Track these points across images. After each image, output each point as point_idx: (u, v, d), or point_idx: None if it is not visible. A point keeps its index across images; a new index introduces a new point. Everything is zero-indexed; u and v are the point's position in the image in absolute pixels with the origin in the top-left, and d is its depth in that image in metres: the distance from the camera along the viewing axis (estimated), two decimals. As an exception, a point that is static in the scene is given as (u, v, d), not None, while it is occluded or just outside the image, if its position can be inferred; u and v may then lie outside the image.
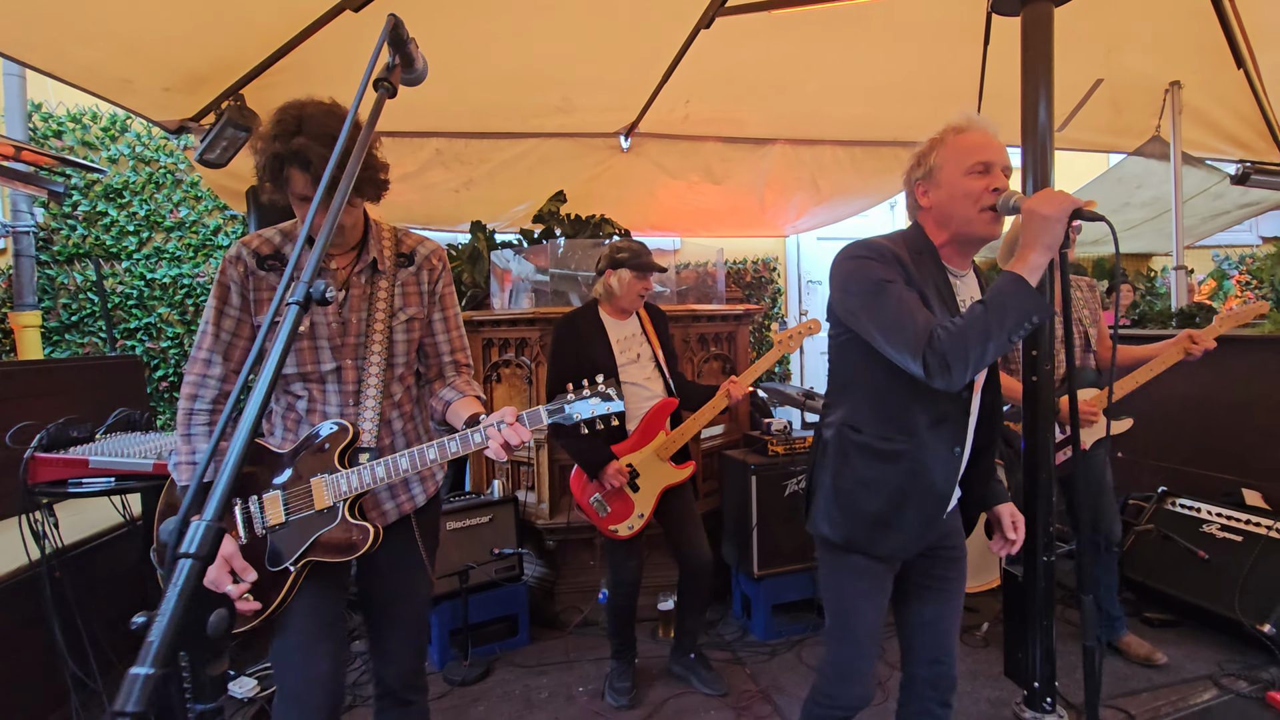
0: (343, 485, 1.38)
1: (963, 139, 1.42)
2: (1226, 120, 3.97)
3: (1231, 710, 2.35)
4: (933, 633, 1.59)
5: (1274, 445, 2.97)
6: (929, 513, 1.48)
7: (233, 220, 4.36)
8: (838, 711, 1.58)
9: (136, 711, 0.52)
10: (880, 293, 1.37)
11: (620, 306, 2.45)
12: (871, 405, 1.50)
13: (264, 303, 1.44)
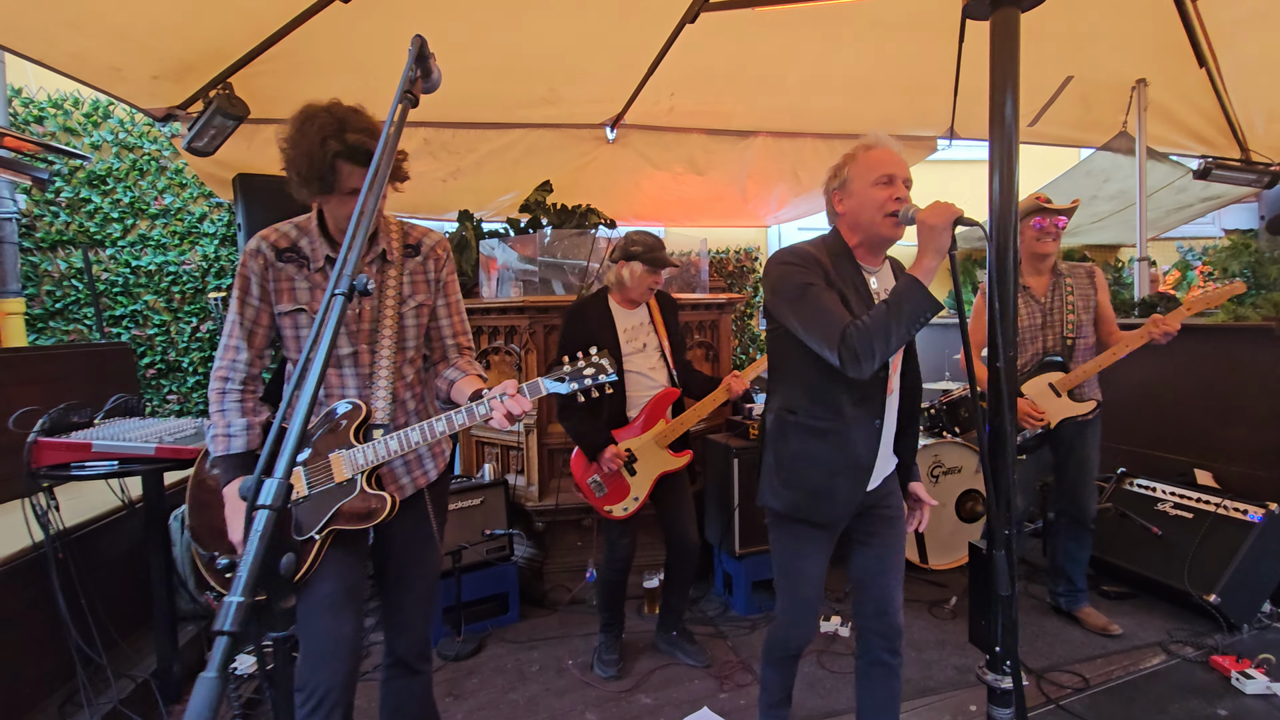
0: (359, 459, 1.48)
1: (871, 155, 1.65)
2: (1189, 117, 4.13)
3: (1177, 673, 2.53)
4: (876, 586, 1.77)
5: (1223, 428, 3.14)
6: (856, 480, 1.69)
7: (218, 208, 4.36)
8: (789, 651, 1.85)
9: (233, 630, 0.61)
10: (803, 295, 1.60)
11: (629, 297, 2.53)
12: (804, 390, 1.72)
13: (283, 292, 1.55)
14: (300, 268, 1.56)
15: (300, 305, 1.55)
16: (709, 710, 2.36)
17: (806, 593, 1.77)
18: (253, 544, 0.65)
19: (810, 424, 1.70)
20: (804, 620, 1.80)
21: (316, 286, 1.57)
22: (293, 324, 1.56)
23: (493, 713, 2.39)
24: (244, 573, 0.64)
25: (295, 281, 1.55)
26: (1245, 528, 2.80)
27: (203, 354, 4.35)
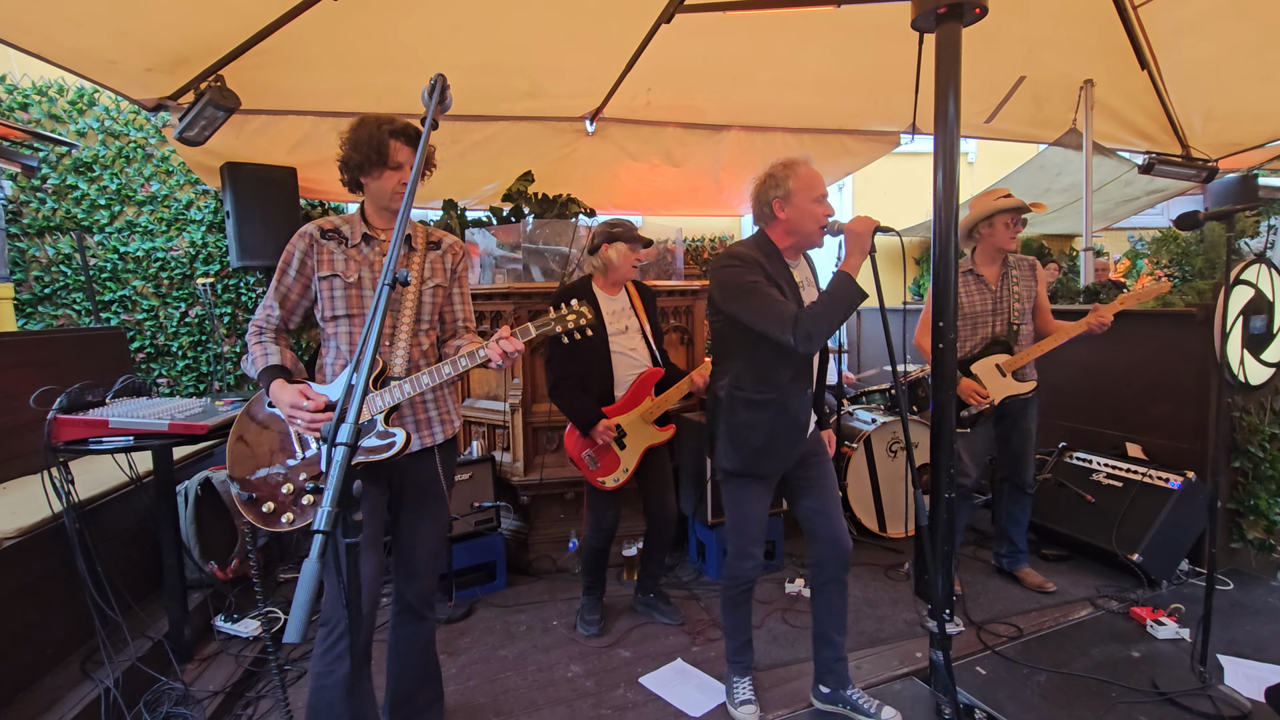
0: (379, 402, 1.72)
1: (810, 173, 2.04)
2: (1134, 115, 4.39)
3: (1101, 623, 2.82)
4: (823, 517, 2.13)
5: (1151, 405, 3.44)
6: (794, 438, 2.10)
7: (205, 195, 4.44)
8: (741, 582, 2.19)
9: (326, 530, 0.80)
10: (753, 291, 1.96)
11: (614, 279, 2.73)
12: (749, 370, 2.08)
13: (323, 262, 1.87)
14: (340, 244, 1.89)
15: (335, 272, 1.87)
16: (682, 661, 2.60)
17: (752, 531, 2.16)
18: (333, 473, 0.84)
19: (755, 397, 2.07)
20: (751, 553, 2.16)
21: (350, 259, 1.89)
22: (329, 286, 1.87)
23: (484, 667, 2.59)
24: (329, 492, 0.83)
25: (334, 254, 1.88)
26: (1166, 494, 3.10)
27: (191, 338, 4.45)
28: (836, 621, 2.20)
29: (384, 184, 1.85)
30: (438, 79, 1.35)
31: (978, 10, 2.22)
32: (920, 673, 2.46)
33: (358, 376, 0.95)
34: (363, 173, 1.85)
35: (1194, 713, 2.20)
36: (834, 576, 2.16)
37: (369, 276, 1.89)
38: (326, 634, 1.75)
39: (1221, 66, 3.82)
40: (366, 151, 1.80)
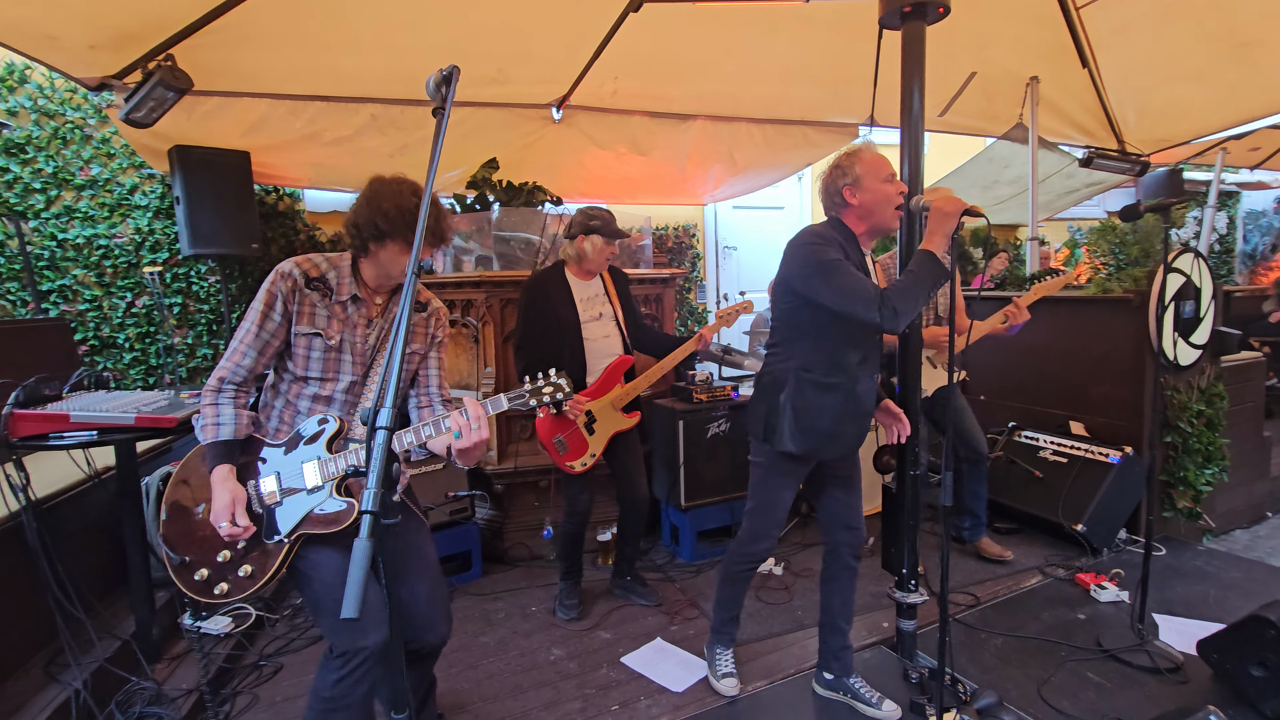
0: (330, 468, 1.63)
1: (874, 156, 2.01)
2: (1075, 111, 4.62)
3: (1050, 589, 3.01)
4: (847, 508, 2.19)
5: (1093, 385, 3.66)
6: (862, 424, 2.12)
7: (151, 179, 4.24)
8: (749, 562, 2.25)
9: (373, 510, 0.81)
10: (836, 269, 1.90)
11: (588, 269, 2.75)
12: (818, 352, 2.04)
13: (304, 315, 1.70)
14: (324, 297, 1.72)
15: (318, 330, 1.70)
16: (661, 640, 2.66)
17: (777, 516, 2.21)
18: (376, 455, 0.86)
19: (824, 381, 2.04)
20: (770, 535, 2.23)
21: (334, 317, 1.73)
22: (307, 345, 1.71)
23: (465, 654, 2.61)
24: (373, 474, 0.85)
25: (317, 308, 1.71)
26: (1106, 468, 3.32)
27: (139, 329, 4.26)
28: (846, 610, 2.25)
29: (401, 259, 1.70)
30: (452, 70, 1.31)
31: (941, 10, 2.32)
32: (887, 641, 2.59)
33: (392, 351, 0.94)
34: (379, 241, 1.68)
35: (1134, 666, 2.39)
36: (846, 564, 2.21)
37: (349, 340, 1.74)
38: (344, 663, 1.59)
39: (1153, 66, 4.05)
40: (397, 223, 1.65)
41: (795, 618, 2.81)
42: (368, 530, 0.78)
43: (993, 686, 2.26)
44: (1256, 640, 2.12)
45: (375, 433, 0.86)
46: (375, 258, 1.72)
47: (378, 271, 1.76)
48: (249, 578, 1.60)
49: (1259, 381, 3.99)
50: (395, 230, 1.66)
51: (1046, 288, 3.12)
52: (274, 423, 1.74)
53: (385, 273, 1.76)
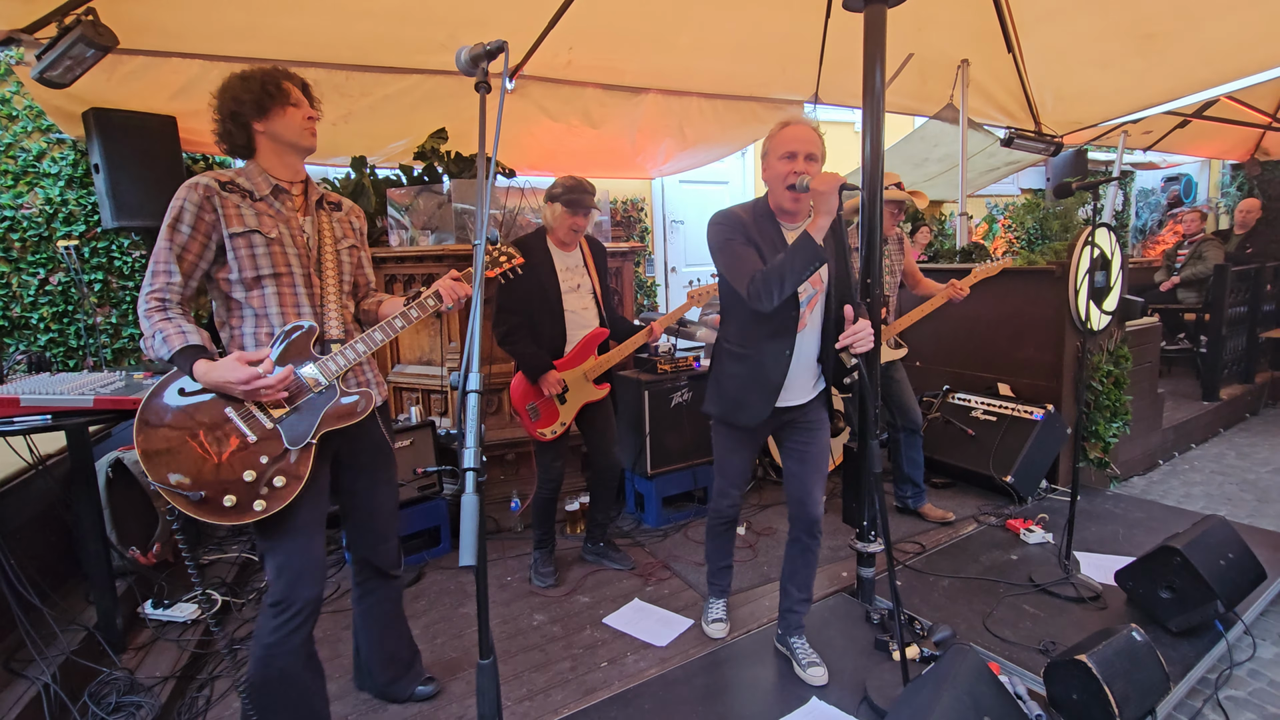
0: (332, 366, 1.69)
1: (783, 132, 2.01)
2: (999, 94, 4.93)
3: (985, 535, 3.31)
4: (797, 482, 2.24)
5: (1016, 350, 3.99)
6: (767, 395, 2.13)
7: (60, 144, 3.89)
8: (721, 518, 2.41)
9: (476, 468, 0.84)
10: (724, 249, 2.03)
11: (558, 238, 2.74)
12: (736, 325, 2.18)
13: (231, 218, 1.65)
14: (244, 197, 1.68)
15: (252, 227, 1.67)
16: (639, 600, 2.77)
17: (730, 474, 2.33)
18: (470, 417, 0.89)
19: (736, 351, 2.16)
20: (728, 493, 2.35)
21: (263, 214, 1.70)
22: (247, 244, 1.67)
23: (448, 625, 2.63)
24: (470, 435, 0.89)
25: (241, 208, 1.67)
26: (1031, 425, 3.64)
27: (54, 309, 3.94)
28: (795, 578, 2.30)
29: (289, 120, 1.69)
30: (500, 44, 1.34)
31: (902, -7, 2.44)
32: (848, 588, 2.80)
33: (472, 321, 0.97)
34: (259, 115, 1.67)
35: (1062, 597, 2.69)
36: (797, 537, 2.25)
37: (287, 233, 1.72)
38: (283, 610, 1.68)
39: (1069, 53, 4.37)
40: (259, 92, 1.65)
41: (762, 573, 2.97)
42: (471, 486, 0.82)
43: (945, 622, 2.49)
44: (1164, 568, 2.43)
45: (467, 396, 0.89)
46: (268, 139, 1.70)
47: (279, 156, 1.73)
48: (284, 488, 1.63)
49: (1155, 344, 4.45)
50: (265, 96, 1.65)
51: (985, 271, 3.37)
52: (248, 337, 1.70)
53: (286, 151, 1.73)
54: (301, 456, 1.65)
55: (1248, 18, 3.71)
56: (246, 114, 1.67)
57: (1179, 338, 6.13)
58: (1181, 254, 6.32)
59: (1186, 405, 5.22)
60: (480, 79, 1.28)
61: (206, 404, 1.61)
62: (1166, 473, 4.45)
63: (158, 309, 1.59)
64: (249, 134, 1.69)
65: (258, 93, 1.65)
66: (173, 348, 1.57)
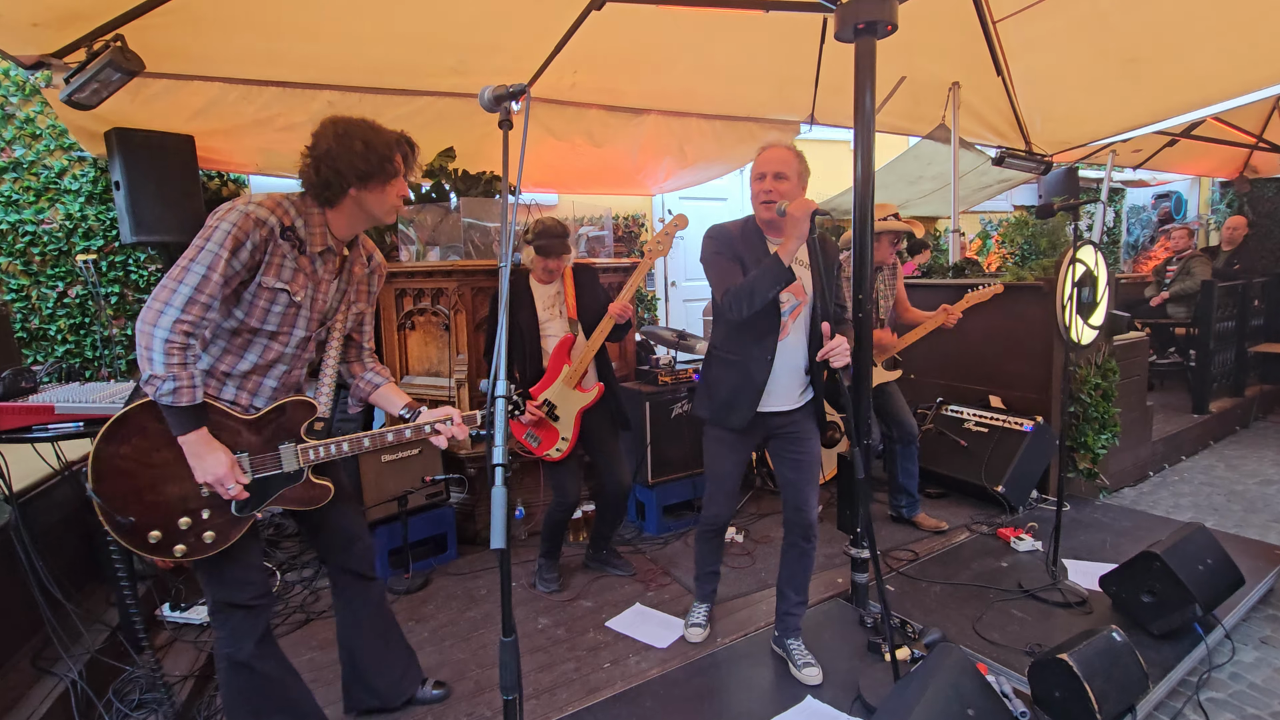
0: (311, 454, 1.71)
1: (761, 155, 2.22)
2: (990, 115, 5.08)
3: (977, 543, 3.40)
4: (792, 489, 2.34)
5: (1008, 363, 4.10)
6: (752, 397, 2.27)
7: (81, 162, 4.03)
8: (709, 525, 2.48)
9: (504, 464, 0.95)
10: (712, 262, 2.24)
11: (536, 276, 2.88)
12: (724, 331, 2.35)
13: (272, 266, 1.60)
14: (294, 248, 1.62)
15: (284, 285, 1.62)
16: (640, 604, 2.86)
17: (722, 482, 2.42)
18: (499, 421, 1.00)
19: (725, 356, 2.33)
20: (718, 501, 2.44)
21: (301, 271, 1.64)
22: (270, 299, 1.61)
23: (455, 628, 2.72)
24: (499, 432, 0.99)
25: (285, 260, 1.61)
26: (1021, 436, 3.75)
27: (71, 320, 4.05)
28: (791, 581, 2.40)
29: (385, 197, 1.68)
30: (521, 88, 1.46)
31: (890, 27, 2.58)
32: (843, 594, 2.89)
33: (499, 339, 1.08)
34: (361, 184, 1.64)
35: (1049, 603, 2.78)
36: (794, 542, 2.35)
37: (309, 298, 1.68)
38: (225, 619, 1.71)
39: (1057, 76, 4.52)
40: (373, 166, 1.62)
41: (760, 579, 3.07)
42: (500, 479, 0.93)
43: (934, 625, 2.58)
44: (1145, 573, 2.53)
45: (496, 400, 1.00)
46: (355, 203, 1.66)
47: (351, 220, 1.69)
48: (211, 544, 1.62)
49: (1143, 358, 4.56)
50: (377, 170, 1.62)
51: (978, 296, 3.50)
52: (206, 362, 1.63)
53: (362, 220, 1.70)
54: (241, 523, 1.67)
55: (1227, 44, 3.87)
56: (350, 181, 1.62)
57: (1169, 352, 6.25)
58: (1171, 270, 6.46)
59: (1177, 418, 5.32)
60: (503, 117, 1.39)
61: (176, 443, 1.57)
62: (1156, 484, 4.55)
63: (180, 348, 1.48)
64: (341, 195, 1.65)
65: (373, 166, 1.62)
66: (181, 400, 1.49)
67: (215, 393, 1.67)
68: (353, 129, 1.65)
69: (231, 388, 1.69)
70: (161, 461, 1.58)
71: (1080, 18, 3.88)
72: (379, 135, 1.66)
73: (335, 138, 1.62)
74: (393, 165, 1.67)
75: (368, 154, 1.62)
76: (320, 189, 1.65)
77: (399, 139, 1.71)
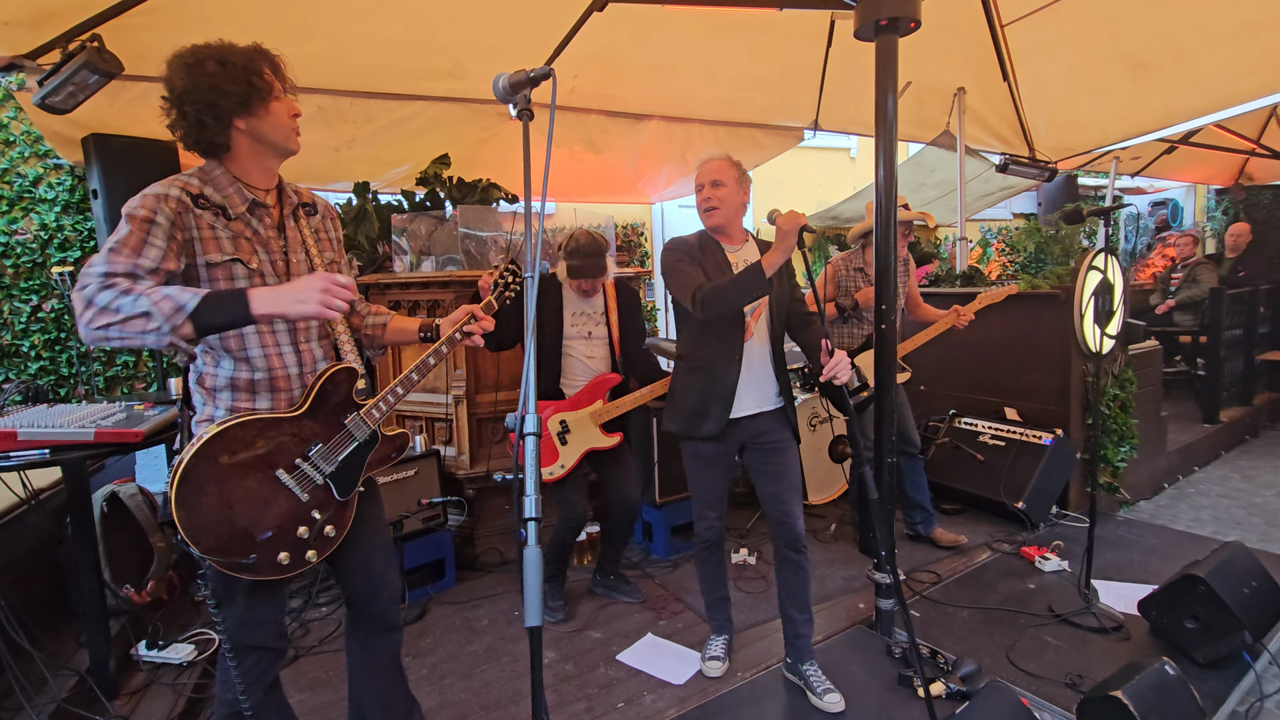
0: (375, 414, 1.64)
1: (699, 169, 2.29)
2: (994, 121, 5.00)
3: (1000, 563, 3.26)
4: (774, 502, 2.27)
5: (1023, 374, 3.98)
6: (724, 401, 2.22)
7: (58, 169, 3.85)
8: (703, 540, 2.39)
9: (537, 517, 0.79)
10: (673, 269, 2.21)
11: (571, 287, 2.73)
12: (687, 340, 2.33)
13: (208, 242, 1.43)
14: (217, 216, 1.45)
15: (234, 255, 1.46)
16: (652, 635, 2.69)
17: (703, 495, 2.34)
18: (529, 464, 0.85)
19: (691, 365, 2.29)
20: (705, 515, 2.35)
21: (240, 236, 1.48)
22: (227, 276, 1.46)
23: (455, 665, 2.54)
24: (530, 482, 0.84)
25: (216, 231, 1.45)
26: (1041, 450, 3.62)
27: (46, 335, 3.86)
28: (793, 599, 2.29)
29: (276, 119, 1.48)
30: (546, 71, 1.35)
31: (913, 25, 2.46)
32: (866, 621, 2.73)
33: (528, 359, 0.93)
34: (244, 110, 1.44)
35: (1083, 628, 2.63)
36: (785, 556, 2.27)
37: (267, 259, 1.52)
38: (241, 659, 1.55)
39: (1063, 82, 4.44)
40: (244, 84, 1.42)
41: (776, 604, 2.90)
42: (533, 538, 0.78)
43: (967, 655, 2.42)
44: (1189, 597, 2.39)
45: (525, 439, 0.85)
46: (249, 138, 1.47)
47: (259, 160, 1.51)
48: (334, 536, 1.60)
49: (1157, 367, 4.46)
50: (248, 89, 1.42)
51: (990, 297, 3.37)
52: (223, 381, 1.51)
53: (268, 154, 1.51)
54: (349, 504, 1.64)
55: (1235, 50, 3.79)
56: (229, 109, 1.42)
57: (1175, 360, 6.17)
58: (1175, 277, 6.39)
59: (1188, 428, 5.23)
60: (523, 106, 1.24)
61: (254, 468, 1.47)
62: (1173, 496, 4.43)
63: (126, 281, 1.28)
64: (227, 132, 1.46)
65: (242, 84, 1.41)
66: (183, 304, 1.27)
67: (250, 405, 1.56)
68: (201, 54, 1.44)
69: (265, 396, 1.57)
70: (248, 492, 1.46)
71: (1090, 20, 3.80)
72: (232, 52, 1.45)
73: (185, 69, 1.43)
74: (262, 79, 1.46)
75: (227, 72, 1.42)
76: (200, 134, 1.45)
77: (255, 49, 1.50)
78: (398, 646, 1.92)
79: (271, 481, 1.49)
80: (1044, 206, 7.43)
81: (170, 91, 1.45)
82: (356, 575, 1.77)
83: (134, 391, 4.04)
